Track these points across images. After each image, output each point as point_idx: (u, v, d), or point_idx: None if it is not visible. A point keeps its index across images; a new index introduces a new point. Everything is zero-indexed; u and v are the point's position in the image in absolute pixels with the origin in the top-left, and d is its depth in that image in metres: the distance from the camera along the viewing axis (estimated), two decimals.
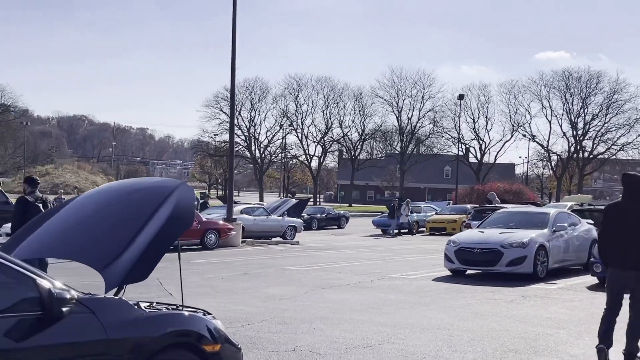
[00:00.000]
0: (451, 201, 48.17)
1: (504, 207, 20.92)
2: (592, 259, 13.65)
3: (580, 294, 12.53)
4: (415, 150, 79.44)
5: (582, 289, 13.09)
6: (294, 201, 31.16)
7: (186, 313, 4.77)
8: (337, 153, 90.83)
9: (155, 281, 13.42)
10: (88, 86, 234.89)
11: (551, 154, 77.91)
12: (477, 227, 16.26)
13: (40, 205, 9.46)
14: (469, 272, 15.18)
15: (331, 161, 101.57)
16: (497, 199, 25.05)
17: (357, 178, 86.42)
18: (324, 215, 38.98)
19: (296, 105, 79.83)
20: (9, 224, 24.46)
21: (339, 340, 8.07)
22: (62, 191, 41.46)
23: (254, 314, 9.81)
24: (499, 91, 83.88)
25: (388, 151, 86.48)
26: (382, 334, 8.47)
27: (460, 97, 63.07)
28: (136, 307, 4.49)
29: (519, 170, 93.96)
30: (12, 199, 45.42)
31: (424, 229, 34.89)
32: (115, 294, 4.60)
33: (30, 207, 9.35)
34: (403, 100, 77.76)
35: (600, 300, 11.63)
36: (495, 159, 78.97)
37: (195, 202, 38.17)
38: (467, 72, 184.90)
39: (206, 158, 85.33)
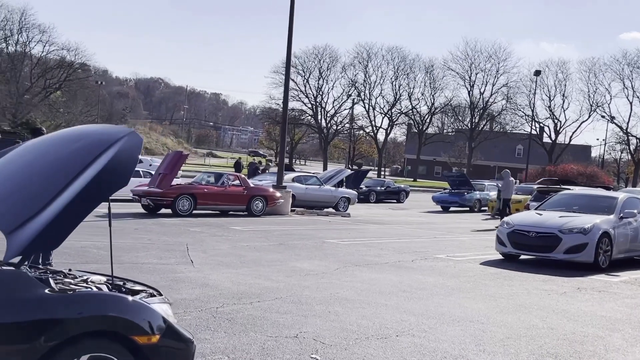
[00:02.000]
0: (517, 180, 46.08)
1: (568, 189, 19.31)
2: None
3: None
4: (486, 126, 76.86)
5: None
6: (348, 172, 30.14)
7: (112, 294, 3.84)
8: (405, 126, 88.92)
9: (183, 245, 12.75)
10: (166, 50, 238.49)
11: (630, 137, 74.02)
12: (536, 209, 14.89)
13: None
14: (522, 257, 13.90)
15: (400, 135, 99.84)
16: (510, 178, 23.23)
17: (425, 153, 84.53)
18: (383, 188, 37.82)
19: (365, 75, 78.24)
20: None
21: (352, 328, 7.07)
22: None
23: (269, 290, 8.91)
24: (578, 69, 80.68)
25: (458, 127, 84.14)
26: (403, 324, 7.43)
27: (537, 73, 60.22)
28: (43, 282, 3.60)
29: (595, 152, 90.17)
30: None
31: (486, 208, 33.32)
32: (18, 264, 3.72)
33: None
34: (476, 74, 75.28)
35: None
36: (570, 140, 75.76)
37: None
38: (546, 49, 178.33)
39: (272, 125, 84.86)
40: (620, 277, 12.30)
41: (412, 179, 77.83)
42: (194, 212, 19.73)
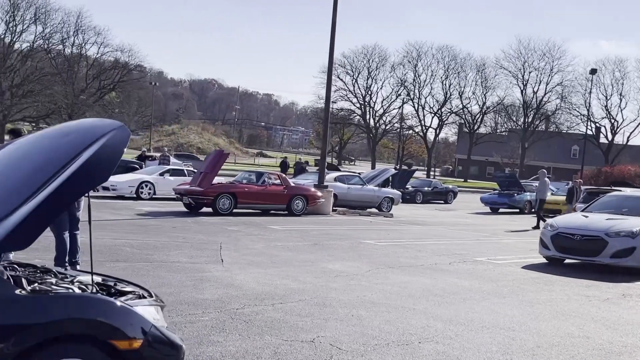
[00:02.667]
0: (569, 182, 44.82)
1: (618, 190, 18.55)
2: None
3: None
4: (540, 126, 75.16)
5: None
6: (392, 171, 29.68)
7: (90, 295, 3.63)
8: (455, 126, 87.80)
9: (217, 244, 12.63)
10: (220, 51, 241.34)
11: None
12: (582, 211, 14.28)
13: None
14: (567, 261, 13.34)
15: (452, 134, 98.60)
16: (546, 178, 22.49)
17: (476, 153, 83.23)
18: (430, 188, 37.19)
19: (414, 75, 77.47)
20: None
21: (373, 333, 6.78)
22: (167, 148, 41.62)
23: (295, 291, 8.68)
24: (636, 67, 77.75)
25: (512, 126, 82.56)
26: (428, 330, 7.10)
27: (593, 71, 58.51)
28: (16, 283, 3.43)
29: None
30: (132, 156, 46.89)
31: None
32: None
33: None
34: (529, 72, 73.69)
35: None
36: (628, 140, 73.48)
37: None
38: (603, 47, 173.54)
39: (319, 124, 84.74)
40: None
41: (463, 180, 76.65)
42: (235, 210, 19.68)
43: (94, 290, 3.81)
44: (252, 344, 6.11)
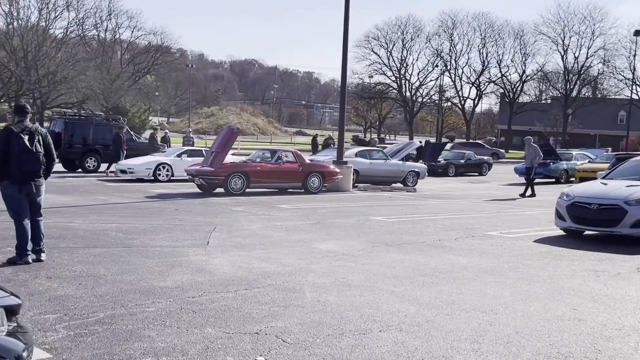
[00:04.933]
0: (609, 148, 43.16)
1: None
2: None
3: None
4: (581, 92, 72.63)
5: None
6: (417, 144, 28.73)
7: None
8: (495, 96, 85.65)
9: (212, 226, 12.05)
10: (259, 31, 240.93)
11: None
12: (603, 178, 13.27)
13: (27, 136, 8.21)
14: (587, 233, 12.40)
15: (495, 105, 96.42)
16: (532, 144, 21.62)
17: (519, 123, 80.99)
18: (462, 161, 36.09)
19: (450, 44, 75.56)
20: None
21: (332, 322, 6.11)
22: (190, 130, 41.11)
23: (269, 275, 8.05)
24: None
25: (555, 94, 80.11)
26: (397, 316, 6.39)
27: (637, 32, 56.09)
28: None
29: None
30: (176, 138, 45.71)
31: (574, 179, 31.12)
32: None
33: (14, 137, 8.12)
34: (570, 37, 71.05)
35: None
36: None
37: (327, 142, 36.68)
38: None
39: (356, 100, 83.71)
40: None
41: (505, 150, 74.76)
42: (248, 190, 19.15)
43: None
44: (186, 338, 5.51)
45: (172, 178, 23.31)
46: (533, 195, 21.75)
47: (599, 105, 73.15)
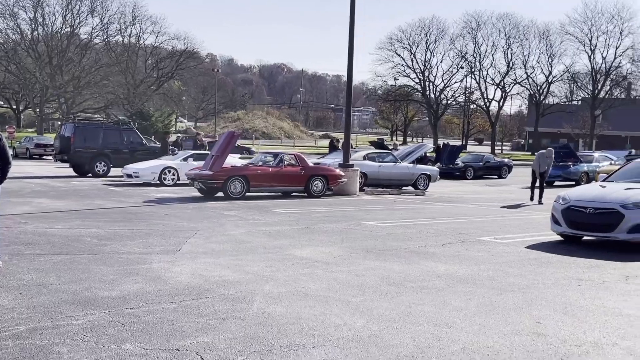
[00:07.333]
0: (632, 150, 41.98)
1: None
2: None
3: None
4: (610, 93, 71.01)
5: None
6: (429, 147, 28.13)
7: None
8: (521, 97, 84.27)
9: (193, 232, 11.69)
10: (288, 36, 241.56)
11: None
12: (603, 180, 12.64)
13: None
14: (585, 238, 11.77)
15: (524, 107, 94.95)
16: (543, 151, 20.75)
17: (547, 125, 79.66)
18: (481, 163, 35.37)
19: (475, 46, 74.54)
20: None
21: (266, 336, 5.68)
22: (203, 133, 40.73)
23: (226, 284, 7.65)
24: None
25: (584, 95, 78.54)
26: (340, 330, 5.94)
27: None
28: None
29: None
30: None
31: (595, 181, 30.20)
32: None
33: None
34: (597, 37, 69.57)
35: None
36: None
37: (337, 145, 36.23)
38: None
39: (379, 102, 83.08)
40: None
41: (531, 153, 73.53)
42: (249, 194, 18.81)
43: None
44: (98, 355, 5.12)
45: (177, 182, 23.08)
46: (535, 199, 20.70)
47: (630, 106, 71.54)
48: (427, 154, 32.72)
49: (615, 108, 69.09)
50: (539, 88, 76.43)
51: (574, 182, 30.43)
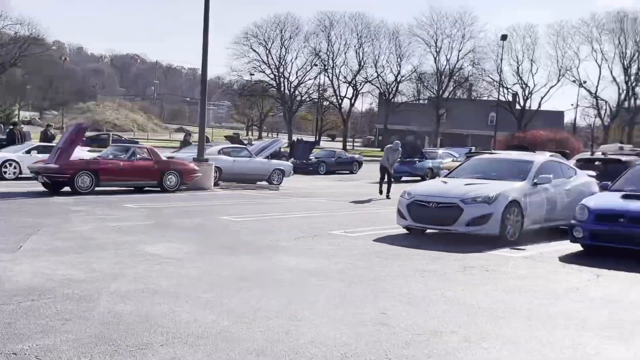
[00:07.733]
0: (472, 147, 44.73)
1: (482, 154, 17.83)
2: (572, 221, 10.71)
3: (544, 265, 9.66)
4: (461, 94, 75.13)
5: (551, 259, 10.20)
6: (283, 142, 28.50)
7: None
8: (372, 96, 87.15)
9: (35, 228, 11.08)
10: (141, 26, 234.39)
11: (599, 101, 72.81)
12: (445, 177, 13.38)
13: None
14: (429, 231, 12.40)
15: (375, 105, 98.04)
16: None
17: (397, 122, 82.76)
18: (333, 159, 36.24)
19: (328, 44, 76.17)
20: None
21: (113, 336, 5.51)
22: (22, 125, 36.61)
23: (69, 283, 7.33)
24: (546, 32, 78.81)
25: (430, 95, 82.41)
26: (191, 326, 5.88)
27: (504, 37, 58.57)
28: None
29: (568, 118, 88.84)
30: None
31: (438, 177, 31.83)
32: None
33: None
34: (442, 40, 73.37)
35: (565, 277, 8.83)
36: (539, 105, 74.44)
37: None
38: (517, 14, 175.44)
39: (235, 97, 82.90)
40: (526, 251, 10.85)
41: (380, 149, 76.22)
42: (99, 189, 18.11)
43: None
44: None
45: (20, 176, 21.81)
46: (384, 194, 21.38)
47: (471, 106, 75.86)
48: (282, 149, 33.10)
49: (459, 108, 73.08)
50: (388, 87, 79.33)
51: (419, 178, 31.87)
